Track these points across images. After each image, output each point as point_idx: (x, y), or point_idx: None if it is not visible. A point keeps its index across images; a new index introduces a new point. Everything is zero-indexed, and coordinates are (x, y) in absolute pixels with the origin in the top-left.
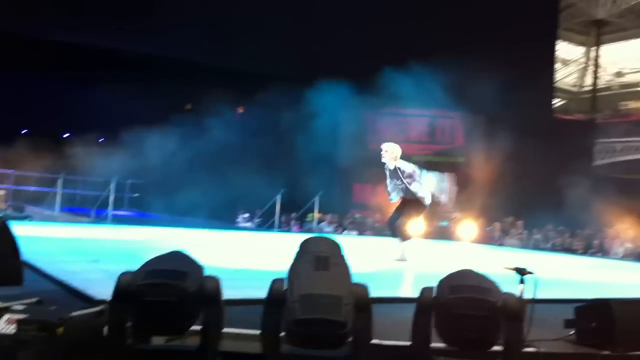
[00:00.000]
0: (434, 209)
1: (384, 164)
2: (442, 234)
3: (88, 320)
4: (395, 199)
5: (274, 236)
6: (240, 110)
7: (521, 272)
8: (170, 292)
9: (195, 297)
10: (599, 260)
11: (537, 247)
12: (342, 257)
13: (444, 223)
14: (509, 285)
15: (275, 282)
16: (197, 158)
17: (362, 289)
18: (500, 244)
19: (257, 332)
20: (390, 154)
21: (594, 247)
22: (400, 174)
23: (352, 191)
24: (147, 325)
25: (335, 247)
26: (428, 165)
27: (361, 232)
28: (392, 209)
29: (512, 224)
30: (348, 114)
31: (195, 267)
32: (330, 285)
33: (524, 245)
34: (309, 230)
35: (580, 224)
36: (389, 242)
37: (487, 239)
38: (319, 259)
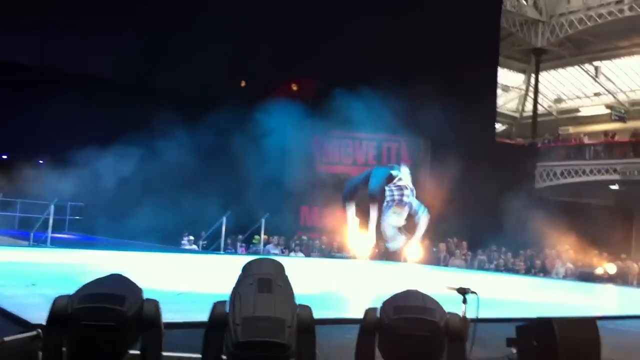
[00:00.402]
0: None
1: (400, 186)
2: (388, 255)
3: (22, 345)
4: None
5: (219, 258)
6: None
7: (464, 292)
8: (107, 316)
9: (134, 321)
10: (540, 280)
11: (481, 267)
12: (285, 279)
13: (389, 245)
14: (452, 305)
15: (217, 305)
16: (142, 181)
17: (306, 310)
18: (446, 265)
19: (198, 356)
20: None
21: (536, 267)
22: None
23: (300, 213)
24: (84, 351)
25: (279, 269)
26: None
27: (308, 254)
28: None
29: (457, 245)
30: (296, 136)
31: (134, 290)
32: (273, 308)
33: (469, 266)
34: (255, 253)
35: (523, 245)
36: (335, 264)
37: (433, 260)
38: (262, 281)
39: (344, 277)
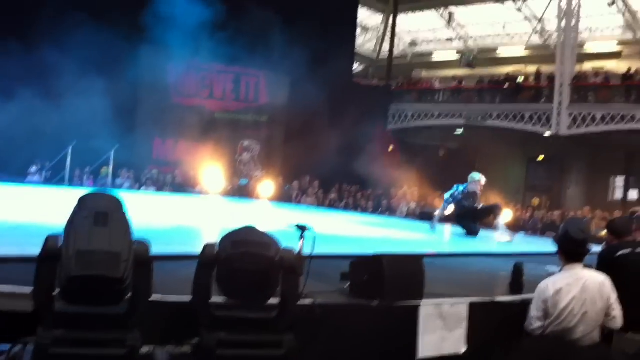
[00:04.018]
0: (237, 167)
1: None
2: (241, 192)
3: None
4: None
5: (62, 191)
6: None
7: (302, 228)
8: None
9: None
10: (385, 218)
11: (332, 206)
12: (123, 213)
13: (244, 181)
14: (292, 241)
15: (50, 239)
16: None
17: (143, 245)
18: (298, 203)
19: (30, 289)
20: None
21: (383, 207)
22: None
23: (152, 146)
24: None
25: (117, 203)
26: (232, 122)
27: (159, 189)
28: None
29: (309, 184)
30: (150, 64)
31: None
32: (109, 242)
33: (320, 204)
34: (104, 186)
35: (373, 184)
36: (186, 200)
37: (286, 198)
38: (98, 215)
39: (193, 213)
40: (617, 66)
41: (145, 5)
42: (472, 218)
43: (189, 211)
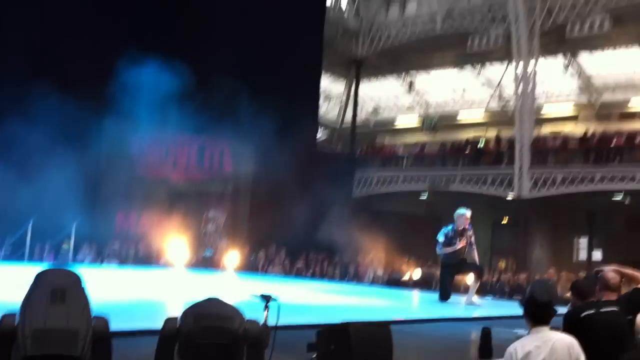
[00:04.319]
0: (202, 239)
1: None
2: (206, 263)
3: None
4: None
5: (22, 268)
6: None
7: (266, 298)
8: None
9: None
10: (352, 286)
11: (299, 274)
12: (81, 289)
13: (209, 252)
14: (257, 312)
15: (5, 317)
16: None
17: (102, 322)
18: (265, 272)
19: None
20: None
21: (350, 274)
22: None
23: (115, 219)
24: None
25: (74, 278)
26: (197, 193)
27: (122, 263)
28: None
29: (276, 253)
30: (114, 135)
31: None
32: (66, 319)
33: (287, 273)
34: (65, 261)
35: (339, 251)
36: (149, 273)
37: (252, 268)
38: (55, 292)
39: (156, 287)
40: (574, 129)
41: (110, 76)
42: (455, 270)
43: (152, 285)
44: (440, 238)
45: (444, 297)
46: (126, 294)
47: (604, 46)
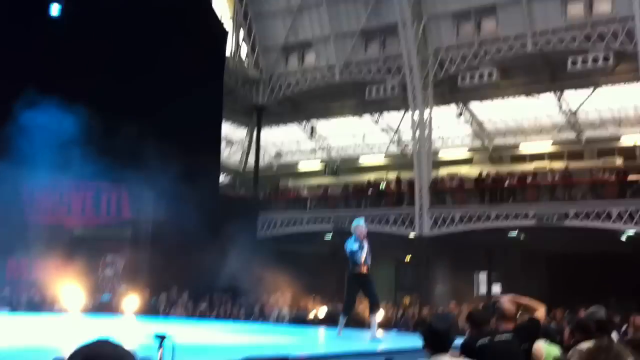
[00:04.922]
0: (99, 283)
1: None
2: (103, 308)
3: None
4: None
5: None
6: None
7: (160, 337)
8: None
9: None
10: (256, 325)
11: (203, 316)
12: None
13: (106, 297)
14: (151, 353)
15: None
16: None
17: None
18: (167, 315)
19: None
20: None
21: (255, 314)
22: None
23: (6, 266)
24: None
25: None
26: (93, 238)
27: (13, 309)
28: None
29: (178, 295)
30: (5, 179)
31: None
32: None
33: (191, 315)
34: None
35: (244, 292)
36: (42, 319)
37: (153, 311)
38: None
39: (47, 332)
40: (470, 171)
41: (3, 118)
42: (360, 287)
43: (44, 330)
44: (354, 246)
45: (349, 309)
46: (15, 339)
47: (493, 96)
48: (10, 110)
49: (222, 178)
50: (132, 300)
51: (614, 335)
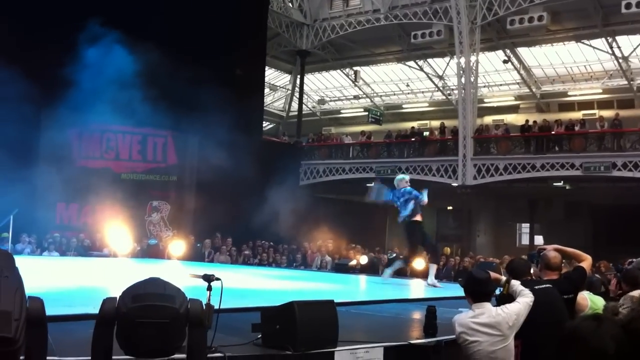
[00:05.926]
0: (146, 228)
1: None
2: (150, 252)
3: None
4: None
5: None
6: None
7: (208, 279)
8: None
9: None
10: (299, 272)
11: (246, 262)
12: (14, 269)
13: (152, 242)
14: (200, 294)
15: None
16: None
17: (37, 303)
18: (211, 261)
19: None
20: None
21: (297, 261)
22: None
23: (56, 210)
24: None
25: (6, 259)
26: (140, 183)
27: (63, 254)
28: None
29: (221, 241)
30: (52, 128)
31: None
32: None
33: (234, 262)
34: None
35: (286, 239)
36: (91, 262)
37: (198, 257)
38: None
39: (97, 275)
40: (516, 119)
41: (48, 66)
42: (420, 233)
43: (93, 273)
44: (417, 194)
45: (413, 255)
46: (65, 281)
47: (542, 42)
48: (71, 45)
49: (266, 123)
50: (177, 245)
51: None
